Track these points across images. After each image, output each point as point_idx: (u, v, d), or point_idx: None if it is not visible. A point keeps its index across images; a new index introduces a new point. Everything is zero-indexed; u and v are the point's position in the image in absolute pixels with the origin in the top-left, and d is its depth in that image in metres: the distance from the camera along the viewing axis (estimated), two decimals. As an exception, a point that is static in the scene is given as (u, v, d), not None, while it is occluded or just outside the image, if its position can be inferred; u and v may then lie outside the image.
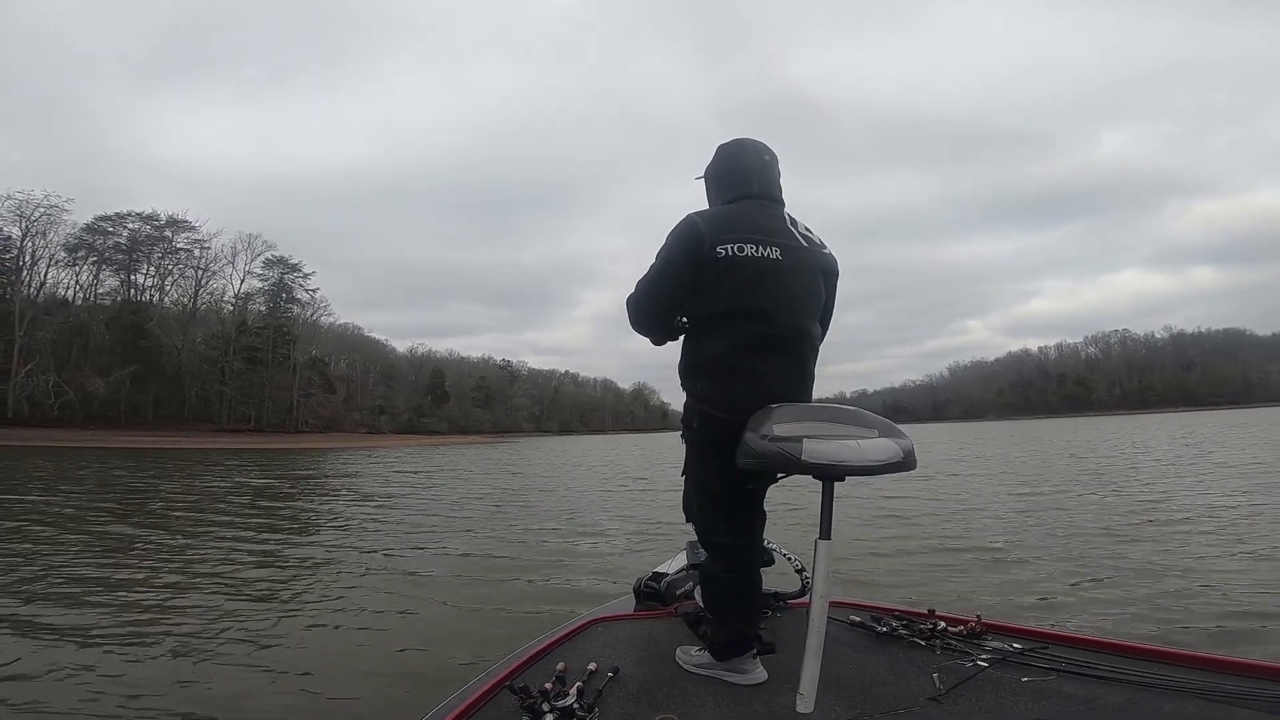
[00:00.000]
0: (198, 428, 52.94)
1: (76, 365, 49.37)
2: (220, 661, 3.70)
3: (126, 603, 4.97)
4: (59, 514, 10.05)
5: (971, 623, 1.90)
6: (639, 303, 1.78)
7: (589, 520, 9.40)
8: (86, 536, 8.08)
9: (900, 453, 1.44)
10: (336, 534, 8.69)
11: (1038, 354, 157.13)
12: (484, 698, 1.53)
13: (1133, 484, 11.16)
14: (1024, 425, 76.91)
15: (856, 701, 1.51)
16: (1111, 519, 7.65)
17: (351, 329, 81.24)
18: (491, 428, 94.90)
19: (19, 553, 6.87)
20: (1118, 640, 1.80)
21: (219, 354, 58.54)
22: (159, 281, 61.83)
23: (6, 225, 50.60)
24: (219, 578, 5.80)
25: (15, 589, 5.34)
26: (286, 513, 11.06)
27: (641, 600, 2.33)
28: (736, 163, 1.79)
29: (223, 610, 4.72)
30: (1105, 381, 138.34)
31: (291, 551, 7.34)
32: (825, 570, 1.45)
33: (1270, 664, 1.54)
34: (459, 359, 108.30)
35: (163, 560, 6.62)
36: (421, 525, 9.27)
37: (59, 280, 55.76)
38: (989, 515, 8.46)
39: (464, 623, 4.49)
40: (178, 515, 10.19)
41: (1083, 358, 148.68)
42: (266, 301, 66.09)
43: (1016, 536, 6.88)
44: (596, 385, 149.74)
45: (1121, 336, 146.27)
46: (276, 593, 5.37)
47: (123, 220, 58.78)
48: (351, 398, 73.10)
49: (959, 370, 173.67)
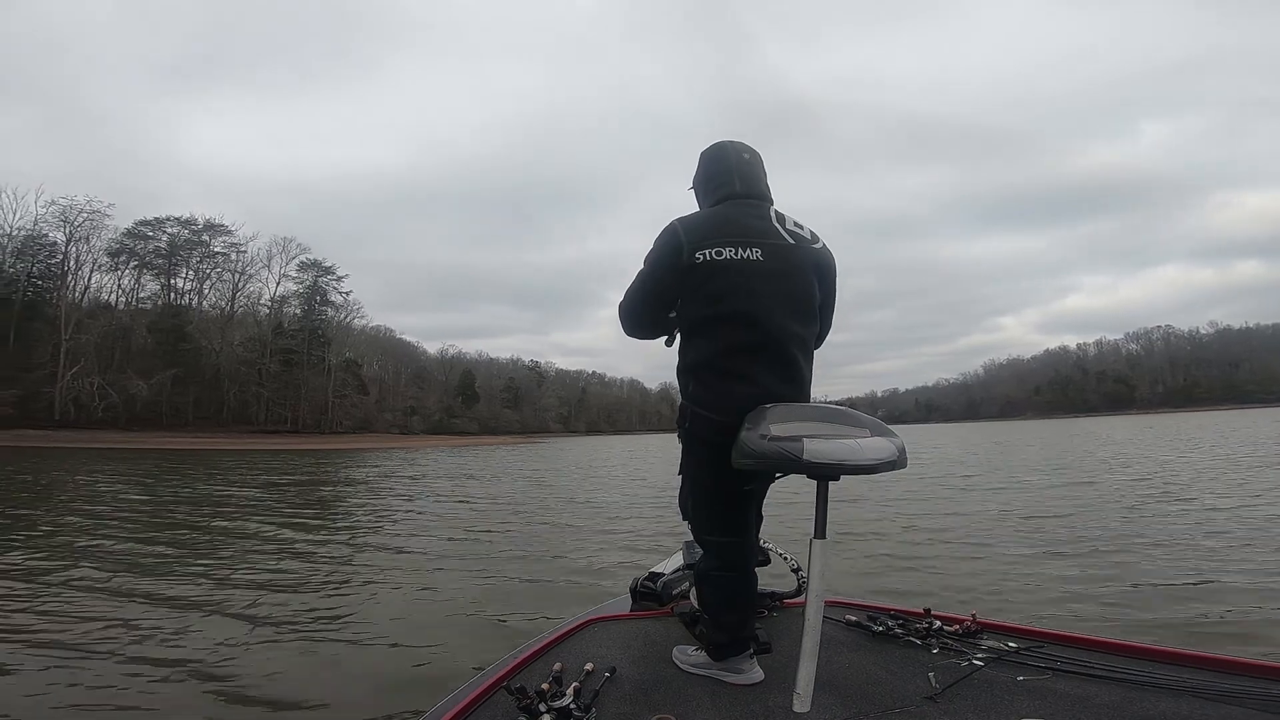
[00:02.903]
0: (236, 429, 54.12)
1: (119, 368, 50.50)
2: (221, 660, 3.69)
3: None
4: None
5: (967, 622, 1.91)
6: (628, 310, 1.81)
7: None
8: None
9: (894, 451, 1.44)
10: (349, 533, 8.75)
11: (1076, 351, 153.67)
12: (480, 698, 1.54)
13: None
14: (1065, 424, 75.02)
15: (853, 701, 1.52)
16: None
17: (384, 331, 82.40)
18: (520, 428, 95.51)
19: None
20: (1113, 639, 1.78)
21: (256, 356, 59.64)
22: (197, 285, 63.32)
23: (51, 230, 52.05)
24: (232, 575, 5.86)
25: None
26: (310, 512, 11.18)
27: (638, 600, 2.32)
28: (717, 165, 1.80)
29: (227, 608, 4.78)
30: (1148, 379, 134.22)
31: (303, 550, 7.35)
32: (821, 570, 1.44)
33: (1264, 663, 1.54)
34: (488, 360, 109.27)
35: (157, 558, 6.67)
36: (431, 527, 9.22)
37: (102, 284, 57.41)
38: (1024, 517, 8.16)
39: (462, 623, 4.50)
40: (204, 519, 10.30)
41: (1123, 354, 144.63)
42: (301, 304, 67.17)
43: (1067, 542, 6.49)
44: (623, 386, 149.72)
45: (1164, 332, 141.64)
46: (278, 592, 5.33)
47: (162, 224, 60.23)
48: (384, 399, 74.13)
49: (994, 368, 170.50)
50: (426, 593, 5.26)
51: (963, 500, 9.88)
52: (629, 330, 1.85)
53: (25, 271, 50.56)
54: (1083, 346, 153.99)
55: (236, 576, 5.77)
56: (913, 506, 9.16)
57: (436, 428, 77.36)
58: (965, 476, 13.71)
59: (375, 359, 78.44)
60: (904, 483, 11.23)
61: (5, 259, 49.70)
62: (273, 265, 64.92)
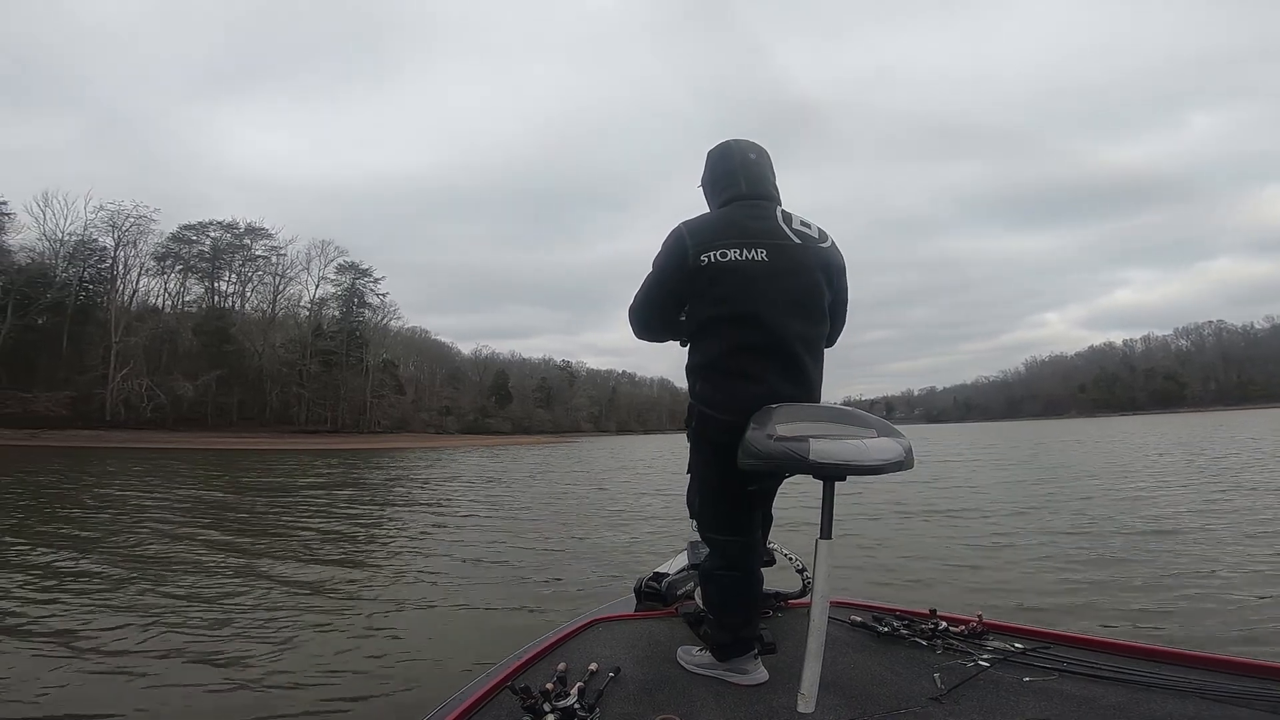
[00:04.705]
0: (278, 429, 55.22)
1: (166, 370, 51.80)
2: (223, 659, 3.74)
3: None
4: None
5: (973, 622, 1.89)
6: (637, 313, 1.83)
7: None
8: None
9: (901, 452, 1.44)
10: (376, 535, 8.90)
11: (1123, 347, 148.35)
12: (485, 698, 1.55)
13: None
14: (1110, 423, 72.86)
15: (858, 702, 1.52)
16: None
17: (419, 332, 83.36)
18: (553, 428, 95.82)
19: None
20: (1119, 640, 1.77)
21: (297, 357, 60.85)
22: (240, 288, 64.68)
23: (100, 236, 53.55)
24: (250, 572, 6.01)
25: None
26: (343, 510, 11.45)
27: (642, 600, 2.30)
28: (724, 165, 1.80)
29: (236, 605, 4.87)
30: (1199, 376, 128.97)
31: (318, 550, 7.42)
32: (826, 570, 1.43)
33: (1272, 664, 1.52)
34: (520, 360, 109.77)
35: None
36: (453, 527, 9.32)
37: (149, 288, 58.93)
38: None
39: (466, 623, 4.54)
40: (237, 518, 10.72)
41: (1173, 350, 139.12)
42: (340, 306, 68.27)
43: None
44: (653, 385, 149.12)
45: (1216, 327, 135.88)
46: (282, 591, 5.41)
47: (205, 229, 61.62)
48: (420, 399, 74.93)
49: (1035, 366, 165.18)
50: (433, 593, 5.31)
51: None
52: (639, 333, 1.86)
53: (77, 276, 52.18)
54: (1129, 343, 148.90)
55: (229, 580, 5.80)
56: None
57: (471, 427, 77.98)
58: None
59: (411, 360, 79.47)
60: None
61: (58, 264, 51.19)
62: (311, 268, 66.19)
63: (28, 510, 10.45)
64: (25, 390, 44.47)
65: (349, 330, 65.63)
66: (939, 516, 8.38)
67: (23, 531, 8.20)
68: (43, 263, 50.40)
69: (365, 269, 69.08)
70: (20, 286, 46.54)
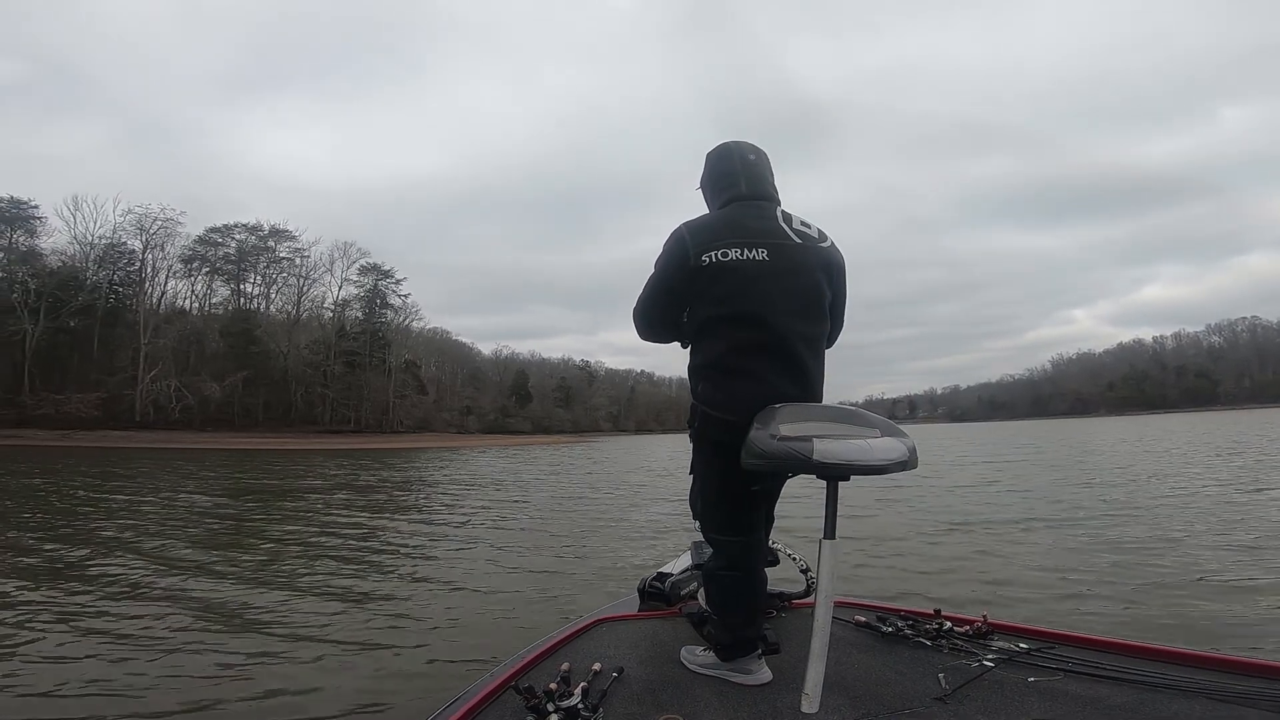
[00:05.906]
0: (303, 429, 55.82)
1: (194, 371, 52.53)
2: (228, 658, 3.73)
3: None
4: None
5: (977, 622, 1.88)
6: (641, 314, 1.83)
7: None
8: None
9: (905, 452, 1.44)
10: (392, 531, 8.94)
11: (1152, 344, 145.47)
12: (489, 698, 1.55)
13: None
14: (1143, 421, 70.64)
15: (861, 702, 1.51)
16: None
17: (440, 333, 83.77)
18: (572, 428, 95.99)
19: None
20: (1125, 640, 1.75)
21: (321, 359, 61.43)
22: (265, 290, 65.42)
23: (129, 239, 54.30)
24: (260, 573, 6.07)
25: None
26: (362, 506, 11.62)
27: (646, 600, 2.30)
28: (723, 166, 1.80)
29: (242, 603, 4.92)
30: (1233, 373, 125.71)
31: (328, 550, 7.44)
32: (830, 570, 1.43)
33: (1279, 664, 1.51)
34: (540, 360, 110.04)
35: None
36: (462, 526, 9.34)
37: (177, 290, 59.78)
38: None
39: (468, 622, 4.53)
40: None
41: (1205, 347, 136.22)
42: (362, 307, 68.72)
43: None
44: (671, 385, 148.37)
45: (1250, 324, 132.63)
46: (282, 591, 5.41)
47: (230, 231, 62.40)
48: (441, 399, 75.40)
49: (1062, 363, 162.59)
50: (437, 593, 5.33)
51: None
52: (642, 334, 1.86)
53: (107, 279, 52.95)
54: (1159, 339, 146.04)
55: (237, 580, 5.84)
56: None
57: (492, 427, 78.26)
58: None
59: (433, 360, 79.85)
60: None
61: (88, 267, 51.87)
62: (335, 269, 66.67)
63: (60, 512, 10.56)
64: (57, 392, 45.20)
65: (372, 331, 66.16)
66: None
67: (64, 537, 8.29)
68: (73, 266, 51.45)
69: (387, 270, 69.63)
70: (52, 289, 47.37)
